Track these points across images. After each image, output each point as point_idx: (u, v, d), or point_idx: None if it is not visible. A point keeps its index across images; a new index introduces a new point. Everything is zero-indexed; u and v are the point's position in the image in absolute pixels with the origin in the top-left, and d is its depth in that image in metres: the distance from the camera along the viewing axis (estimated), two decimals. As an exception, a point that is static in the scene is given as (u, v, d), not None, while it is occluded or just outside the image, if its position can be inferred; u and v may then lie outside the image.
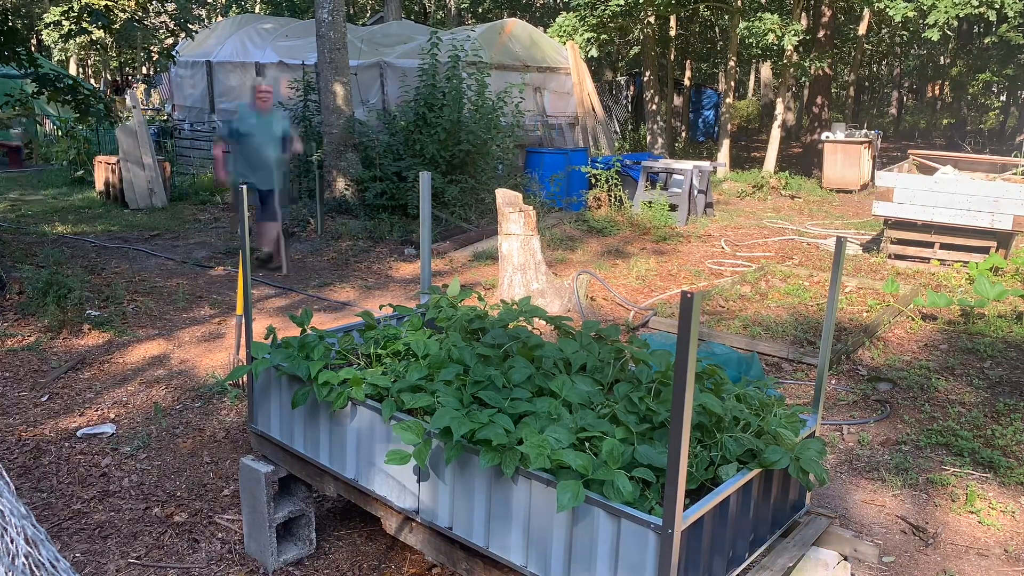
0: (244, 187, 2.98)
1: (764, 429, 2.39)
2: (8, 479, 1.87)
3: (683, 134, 20.48)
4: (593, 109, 14.09)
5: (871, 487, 3.85)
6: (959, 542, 3.41)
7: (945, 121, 26.53)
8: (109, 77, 31.76)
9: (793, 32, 13.23)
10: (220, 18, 24.49)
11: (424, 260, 3.69)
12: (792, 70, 15.27)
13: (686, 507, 2.01)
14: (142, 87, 22.92)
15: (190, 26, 9.33)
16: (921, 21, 13.47)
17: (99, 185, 11.35)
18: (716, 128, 21.00)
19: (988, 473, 3.97)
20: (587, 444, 2.23)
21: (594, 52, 15.11)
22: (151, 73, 24.93)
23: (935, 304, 6.24)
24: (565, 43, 14.47)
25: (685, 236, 9.70)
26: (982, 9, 12.18)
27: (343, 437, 2.71)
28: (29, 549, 1.63)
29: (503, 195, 6.29)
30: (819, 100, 17.36)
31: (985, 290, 6.36)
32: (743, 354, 4.61)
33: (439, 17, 26.91)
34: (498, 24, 13.47)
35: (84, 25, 7.97)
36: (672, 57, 19.60)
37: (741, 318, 6.36)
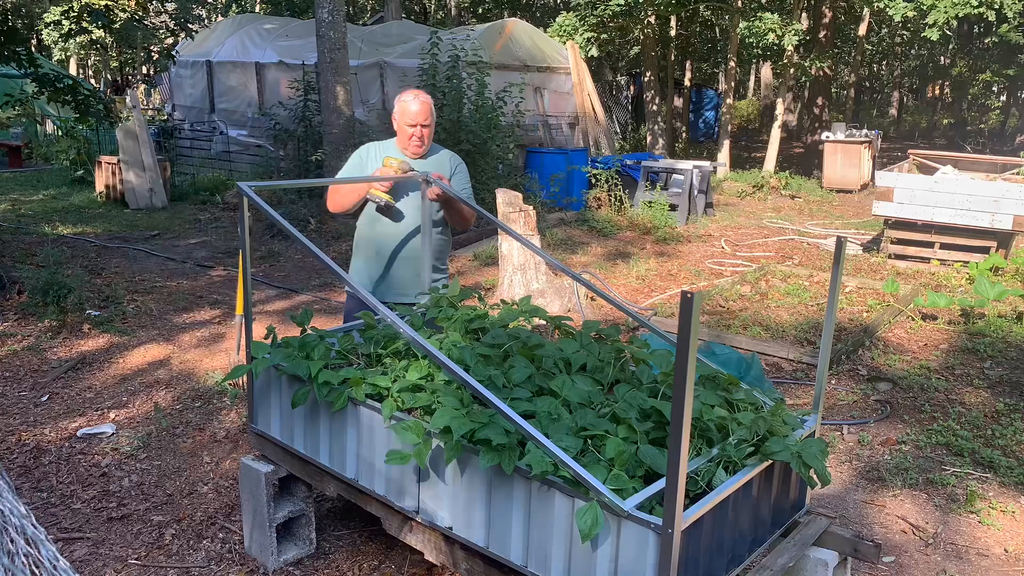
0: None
1: (767, 429, 2.39)
2: (8, 479, 1.87)
3: (683, 134, 20.49)
4: (593, 109, 14.09)
5: (871, 487, 3.85)
6: (959, 542, 3.41)
7: (945, 121, 26.54)
8: (109, 77, 31.76)
9: (793, 32, 13.23)
10: (220, 18, 24.49)
11: (425, 260, 3.69)
12: (792, 70, 15.27)
13: (686, 507, 2.01)
14: (142, 87, 22.92)
15: (190, 26, 9.34)
16: (921, 21, 13.47)
17: (99, 185, 11.35)
18: (716, 128, 21.00)
19: (988, 473, 3.97)
20: (589, 443, 2.23)
21: (594, 52, 15.11)
22: (151, 73, 24.94)
23: (935, 304, 6.24)
24: (565, 43, 14.47)
25: (685, 236, 9.70)
26: (982, 9, 12.18)
27: (343, 437, 2.71)
28: (29, 549, 1.63)
29: (503, 195, 6.29)
30: (819, 100, 17.36)
31: (985, 290, 6.35)
32: (743, 354, 4.61)
33: (439, 17, 26.91)
34: (498, 24, 13.47)
35: (84, 25, 7.98)
36: (672, 57, 19.60)
37: (741, 318, 6.36)
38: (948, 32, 17.84)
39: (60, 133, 14.40)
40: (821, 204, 12.65)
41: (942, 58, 28.04)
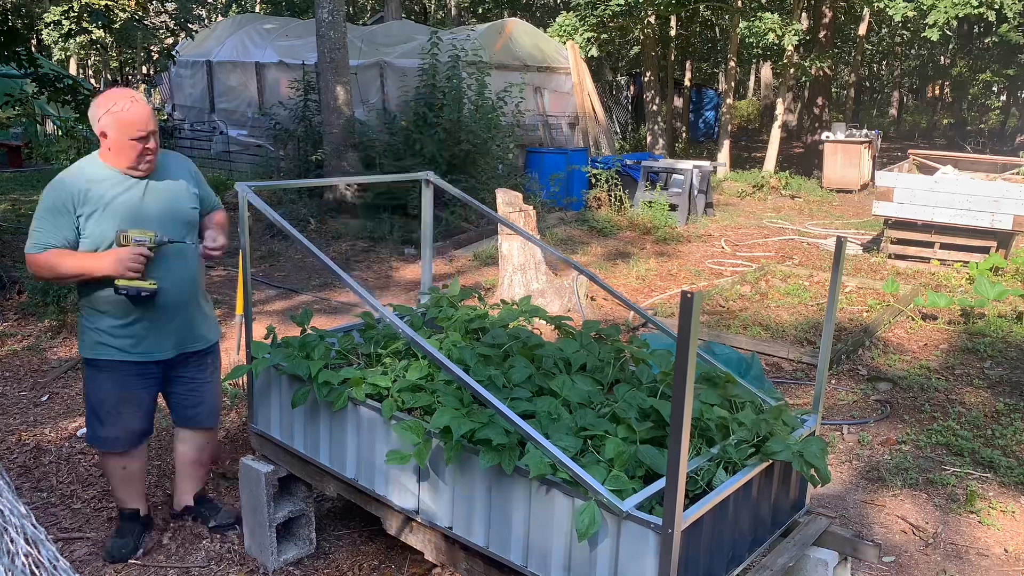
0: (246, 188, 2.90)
1: (768, 431, 2.39)
2: (8, 479, 1.87)
3: (683, 134, 20.49)
4: (593, 109, 14.09)
5: (871, 487, 3.85)
6: (959, 542, 3.41)
7: (945, 121, 26.54)
8: (109, 77, 31.74)
9: (793, 32, 13.23)
10: (220, 18, 24.49)
11: (425, 260, 3.69)
12: (792, 70, 15.27)
13: (686, 507, 2.01)
14: (142, 87, 22.91)
15: (190, 26, 9.34)
16: (921, 21, 13.47)
17: (99, 185, 11.33)
18: (716, 128, 21.01)
19: (988, 473, 3.97)
20: (589, 443, 2.23)
21: (594, 52, 15.11)
22: (151, 73, 24.93)
23: (935, 304, 6.24)
24: (565, 43, 14.46)
25: (685, 236, 9.70)
26: (982, 9, 12.18)
27: (343, 437, 2.71)
28: (29, 549, 1.62)
29: (503, 195, 6.29)
30: (819, 100, 17.36)
31: (985, 290, 6.35)
32: (743, 354, 4.61)
33: (439, 17, 26.91)
34: (498, 24, 13.47)
35: (84, 25, 7.98)
36: (672, 57, 19.60)
37: (741, 318, 6.36)
38: (948, 32, 17.85)
39: (60, 133, 14.38)
40: (821, 204, 12.65)
41: (942, 58, 28.04)
